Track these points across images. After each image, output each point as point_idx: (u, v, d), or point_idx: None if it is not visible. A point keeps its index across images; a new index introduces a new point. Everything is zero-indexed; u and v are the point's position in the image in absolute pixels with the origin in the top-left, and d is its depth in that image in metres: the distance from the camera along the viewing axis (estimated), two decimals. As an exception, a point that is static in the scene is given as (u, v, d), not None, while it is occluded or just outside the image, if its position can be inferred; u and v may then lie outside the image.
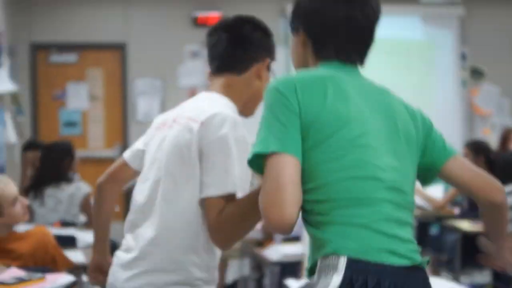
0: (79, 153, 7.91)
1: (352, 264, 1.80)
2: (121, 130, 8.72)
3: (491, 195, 2.01)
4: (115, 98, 8.78)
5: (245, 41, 2.34)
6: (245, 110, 2.39)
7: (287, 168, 1.82)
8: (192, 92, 8.44)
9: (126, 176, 2.56)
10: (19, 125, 8.33)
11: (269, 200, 1.81)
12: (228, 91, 2.36)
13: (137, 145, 2.49)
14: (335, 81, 1.92)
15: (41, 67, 8.65)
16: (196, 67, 8.66)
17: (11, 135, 7.47)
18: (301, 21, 2.04)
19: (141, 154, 2.44)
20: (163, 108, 8.58)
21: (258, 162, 1.87)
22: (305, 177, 1.85)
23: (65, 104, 8.65)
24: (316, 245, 1.87)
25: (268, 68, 2.39)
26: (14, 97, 8.00)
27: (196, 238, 2.22)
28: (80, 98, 8.72)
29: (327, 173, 1.85)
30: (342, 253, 1.81)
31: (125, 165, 2.52)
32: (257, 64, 2.37)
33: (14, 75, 8.03)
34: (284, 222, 1.80)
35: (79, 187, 4.91)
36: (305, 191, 1.85)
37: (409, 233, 1.91)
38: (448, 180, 2.05)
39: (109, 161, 8.60)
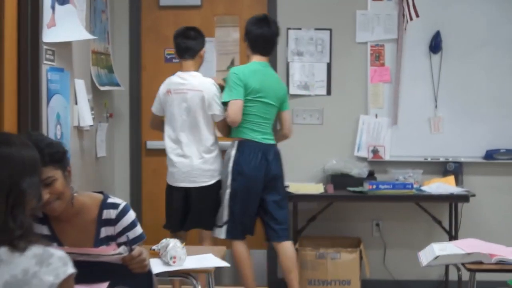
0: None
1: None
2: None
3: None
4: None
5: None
6: None
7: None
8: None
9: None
10: (110, 100, 5.80)
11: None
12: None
13: None
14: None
15: (148, 12, 6.26)
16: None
17: (86, 116, 4.95)
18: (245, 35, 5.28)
19: None
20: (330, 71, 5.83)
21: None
22: None
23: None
24: None
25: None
26: (100, 56, 5.46)
27: None
28: (206, 62, 6.03)
29: None
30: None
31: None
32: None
33: (100, 21, 5.52)
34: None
35: (46, 258, 2.06)
36: None
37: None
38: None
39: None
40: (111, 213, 2.85)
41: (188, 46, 5.20)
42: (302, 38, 6.04)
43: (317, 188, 5.62)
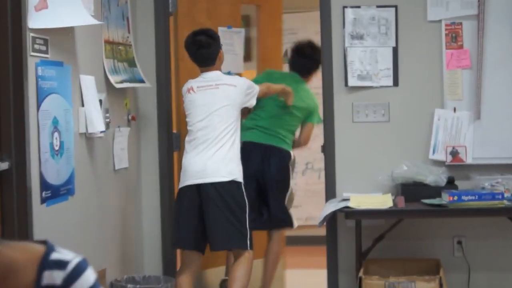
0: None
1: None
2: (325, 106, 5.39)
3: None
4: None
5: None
6: None
7: None
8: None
9: None
10: (132, 99, 4.95)
11: None
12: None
13: None
14: None
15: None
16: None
17: (96, 119, 4.09)
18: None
19: None
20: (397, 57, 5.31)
21: None
22: None
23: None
24: None
25: None
26: (118, 47, 4.65)
27: None
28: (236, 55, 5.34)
29: None
30: None
31: None
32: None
33: (117, 4, 4.72)
34: None
35: None
36: None
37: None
38: None
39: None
40: (55, 277, 1.92)
41: (204, 56, 4.87)
42: (361, 17, 5.22)
43: (384, 201, 4.73)
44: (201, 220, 4.71)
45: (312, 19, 6.53)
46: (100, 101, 4.39)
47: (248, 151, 5.23)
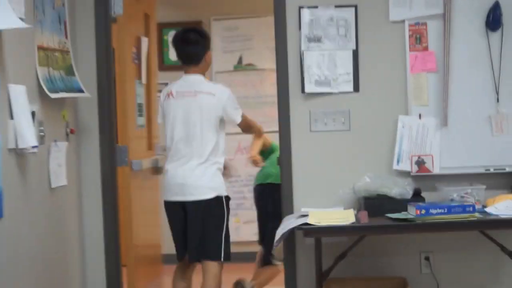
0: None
1: None
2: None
3: None
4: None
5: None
6: None
7: None
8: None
9: None
10: (72, 111, 4.80)
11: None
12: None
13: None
14: None
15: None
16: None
17: (27, 133, 3.95)
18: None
19: None
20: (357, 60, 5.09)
21: None
22: None
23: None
24: None
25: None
26: (53, 54, 4.42)
27: None
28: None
29: None
30: None
31: None
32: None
33: (52, 7, 4.54)
34: None
35: None
36: None
37: None
38: None
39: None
40: None
41: (190, 53, 4.86)
42: (319, 18, 5.01)
43: (346, 217, 4.47)
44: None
45: (268, 24, 6.39)
46: (33, 113, 4.05)
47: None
